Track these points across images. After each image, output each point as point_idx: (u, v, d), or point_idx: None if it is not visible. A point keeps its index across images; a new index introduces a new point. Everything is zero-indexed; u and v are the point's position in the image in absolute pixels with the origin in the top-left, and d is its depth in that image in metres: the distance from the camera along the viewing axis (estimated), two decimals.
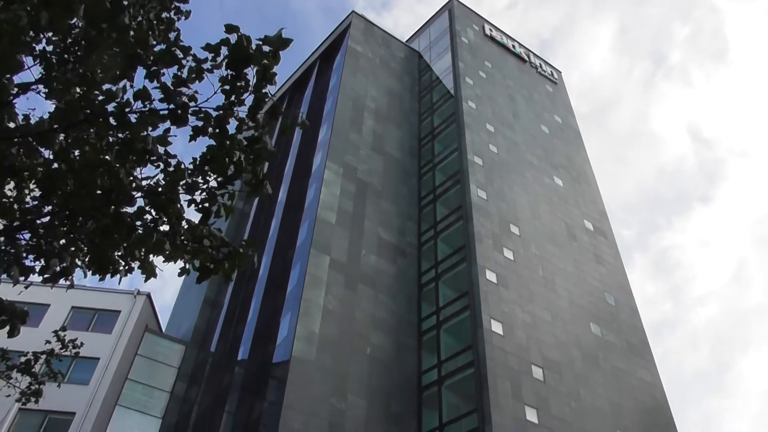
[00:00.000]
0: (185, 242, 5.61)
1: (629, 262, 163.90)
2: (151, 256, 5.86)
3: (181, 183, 5.47)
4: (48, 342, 9.76)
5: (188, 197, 5.51)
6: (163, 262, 5.76)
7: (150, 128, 5.63)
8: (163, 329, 40.61)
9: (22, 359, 9.09)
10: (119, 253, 5.42)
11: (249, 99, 6.37)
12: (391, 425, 27.28)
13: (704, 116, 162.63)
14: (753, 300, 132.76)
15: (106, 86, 5.55)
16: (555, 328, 32.23)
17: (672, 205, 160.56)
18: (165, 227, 5.57)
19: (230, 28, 5.63)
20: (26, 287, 5.50)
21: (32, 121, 5.59)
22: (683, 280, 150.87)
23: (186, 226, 5.67)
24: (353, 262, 31.69)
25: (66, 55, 5.72)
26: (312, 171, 37.28)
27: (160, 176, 5.52)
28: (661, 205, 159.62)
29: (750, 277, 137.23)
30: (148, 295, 35.29)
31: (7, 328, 5.63)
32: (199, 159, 5.77)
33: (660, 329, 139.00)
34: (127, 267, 5.69)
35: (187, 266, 5.82)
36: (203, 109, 5.98)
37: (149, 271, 5.77)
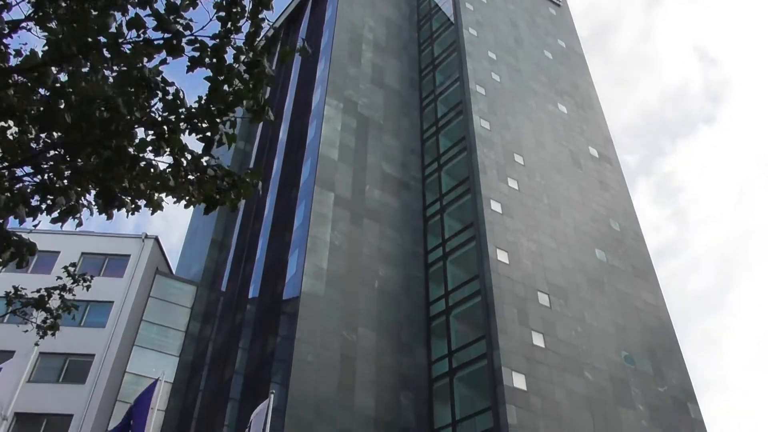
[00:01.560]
0: (189, 174, 5.56)
1: (633, 188, 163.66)
2: (156, 194, 5.82)
3: (181, 111, 5.37)
4: (59, 278, 9.89)
5: (189, 126, 5.42)
6: (166, 196, 5.72)
7: (145, 59, 5.48)
8: (173, 271, 41.20)
9: (35, 295, 9.23)
10: (125, 186, 5.37)
11: (246, 27, 6.17)
12: (401, 355, 28.01)
13: (710, 34, 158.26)
14: (757, 221, 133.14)
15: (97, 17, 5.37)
16: (560, 255, 32.53)
17: (676, 128, 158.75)
18: (168, 159, 5.52)
19: None
20: (35, 226, 5.48)
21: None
22: (687, 203, 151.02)
23: (189, 157, 5.61)
24: (358, 198, 31.73)
25: None
26: (312, 108, 36.79)
27: (159, 105, 5.42)
28: (665, 128, 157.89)
29: (754, 198, 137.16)
30: (156, 239, 35.61)
31: (17, 261, 5.65)
32: (204, 98, 5.66)
33: (664, 253, 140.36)
34: (133, 205, 5.66)
35: (193, 198, 5.78)
36: (199, 39, 5.80)
37: (155, 205, 5.74)
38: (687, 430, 30.78)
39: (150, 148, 5.38)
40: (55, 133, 5.42)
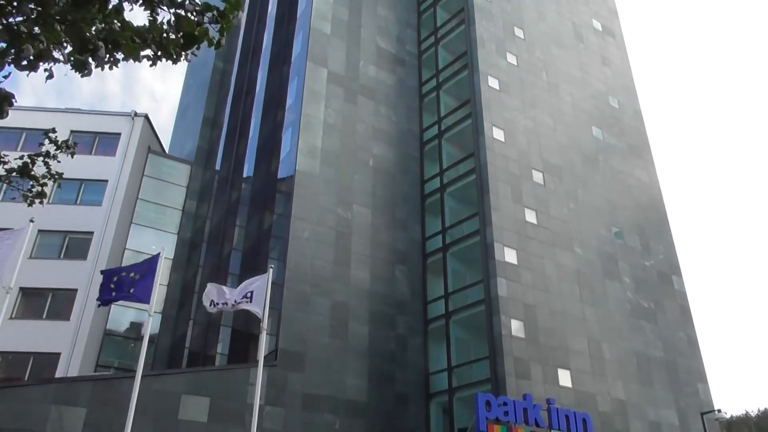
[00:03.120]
0: (164, 5, 5.14)
1: (635, 63, 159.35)
2: (132, 40, 5.40)
3: None
4: (41, 144, 9.59)
5: None
6: (143, 45, 5.33)
7: None
8: (166, 151, 40.84)
9: (19, 162, 9.02)
10: (97, 29, 4.99)
11: None
12: (395, 231, 28.49)
13: None
14: None
15: None
16: (556, 133, 32.23)
17: None
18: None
19: None
20: (4, 77, 5.15)
21: None
22: None
23: None
24: (351, 74, 30.78)
25: None
26: None
27: None
28: None
29: None
30: (146, 117, 34.87)
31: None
32: None
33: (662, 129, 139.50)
34: (110, 56, 5.29)
35: (172, 46, 5.41)
36: None
37: (133, 52, 5.36)
38: (670, 301, 32.15)
39: None
40: None
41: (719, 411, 29.12)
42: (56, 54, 5.15)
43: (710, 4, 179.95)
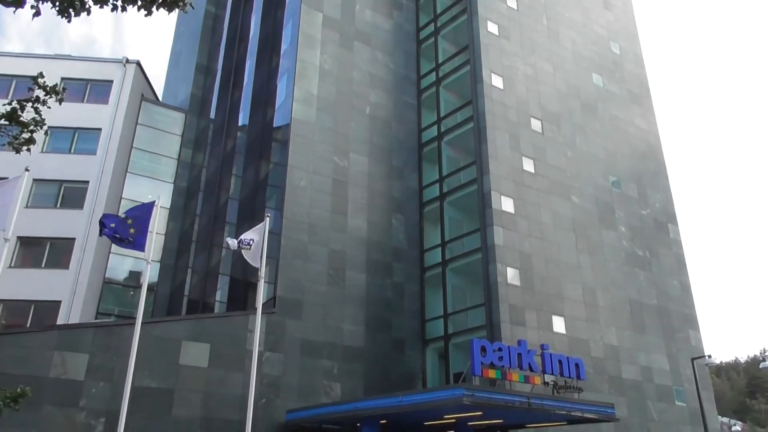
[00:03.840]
0: None
1: (638, 6, 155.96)
2: None
3: None
4: (30, 89, 9.36)
5: None
6: None
7: None
8: (159, 99, 40.23)
9: (7, 107, 8.82)
10: None
11: None
12: (392, 180, 28.40)
13: None
14: None
15: None
16: (556, 80, 31.76)
17: None
18: None
19: None
20: None
21: None
22: None
23: None
24: (347, 19, 30.03)
25: None
26: None
27: None
28: None
29: None
30: (138, 63, 34.18)
31: None
32: None
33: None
34: None
35: None
36: None
37: None
38: (665, 249, 32.41)
39: None
40: None
41: (709, 357, 29.81)
42: None
43: None
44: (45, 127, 9.40)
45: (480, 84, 28.13)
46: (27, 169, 15.49)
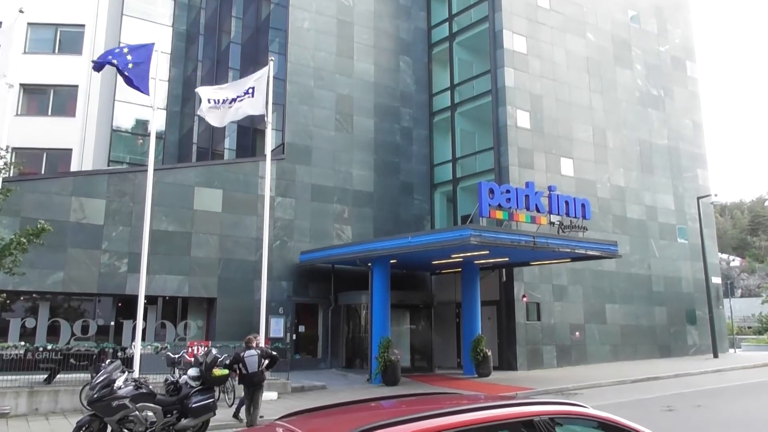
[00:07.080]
0: None
1: None
2: None
3: None
4: None
5: None
6: None
7: None
8: None
9: None
10: None
11: None
12: (399, 20, 27.07)
13: None
14: None
15: None
16: None
17: None
18: None
19: None
20: None
21: None
22: None
23: None
24: None
25: None
26: None
27: None
28: None
29: None
30: None
31: None
32: None
33: None
34: None
35: None
36: None
37: None
38: (680, 87, 31.55)
39: None
40: None
41: (715, 195, 30.21)
42: None
43: None
44: None
45: None
46: (21, 11, 14.80)
